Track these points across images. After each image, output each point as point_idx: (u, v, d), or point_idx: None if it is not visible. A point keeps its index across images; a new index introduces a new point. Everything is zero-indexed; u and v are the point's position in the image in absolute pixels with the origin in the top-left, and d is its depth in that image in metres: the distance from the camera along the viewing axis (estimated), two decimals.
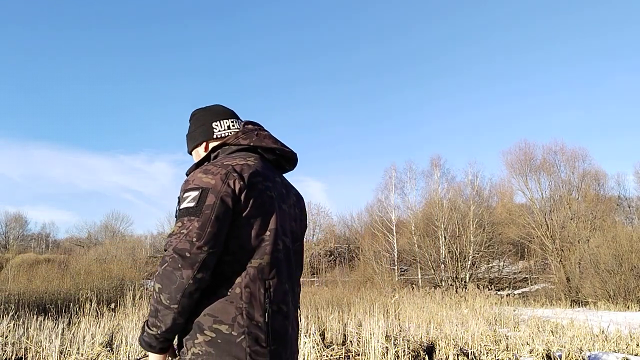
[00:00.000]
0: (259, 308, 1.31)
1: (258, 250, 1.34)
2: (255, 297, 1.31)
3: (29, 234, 50.20)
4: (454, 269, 27.57)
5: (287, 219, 1.47)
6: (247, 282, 1.31)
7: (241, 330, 1.28)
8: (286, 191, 1.52)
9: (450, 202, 29.74)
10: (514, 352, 6.29)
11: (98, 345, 5.93)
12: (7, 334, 6.42)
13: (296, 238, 1.52)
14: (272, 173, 1.49)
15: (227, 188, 1.31)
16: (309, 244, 40.88)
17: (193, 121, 1.65)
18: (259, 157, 1.48)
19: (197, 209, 1.29)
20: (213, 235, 1.27)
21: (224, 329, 1.28)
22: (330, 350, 6.12)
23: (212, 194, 1.30)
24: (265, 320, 1.31)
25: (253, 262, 1.33)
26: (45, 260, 24.80)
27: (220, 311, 1.30)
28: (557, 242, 26.85)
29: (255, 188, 1.35)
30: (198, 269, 1.25)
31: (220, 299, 1.31)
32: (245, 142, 1.49)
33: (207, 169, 1.36)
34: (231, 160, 1.40)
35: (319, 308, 10.25)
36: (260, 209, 1.35)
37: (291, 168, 1.66)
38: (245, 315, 1.29)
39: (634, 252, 19.58)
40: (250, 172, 1.36)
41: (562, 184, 29.38)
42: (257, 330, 1.29)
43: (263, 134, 1.53)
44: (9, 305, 9.50)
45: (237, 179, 1.32)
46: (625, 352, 6.76)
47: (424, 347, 6.35)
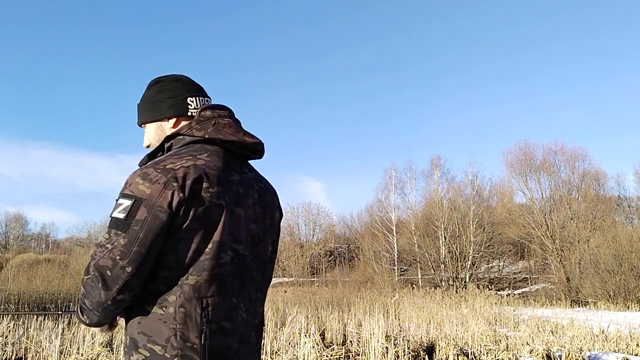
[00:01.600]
0: (194, 329, 1.20)
1: (196, 266, 1.22)
2: (191, 317, 1.20)
3: (29, 234, 50.29)
4: (454, 269, 27.58)
5: (243, 223, 1.31)
6: (182, 302, 1.20)
7: (174, 353, 1.19)
8: (244, 190, 1.34)
9: (450, 202, 29.75)
10: (514, 352, 6.29)
11: (98, 345, 5.93)
12: (7, 334, 6.42)
13: (258, 241, 1.37)
14: (227, 170, 1.31)
15: (163, 201, 1.17)
16: (309, 244, 40.90)
17: (159, 88, 1.44)
18: (215, 151, 1.32)
19: (125, 223, 1.18)
20: (139, 255, 1.17)
21: (157, 350, 1.21)
22: (330, 350, 6.12)
23: (144, 207, 1.18)
24: (202, 342, 1.20)
25: (190, 279, 1.21)
26: (45, 260, 24.82)
27: (154, 331, 1.22)
28: (557, 242, 26.86)
29: (199, 198, 1.21)
30: (118, 290, 1.18)
31: (154, 317, 1.22)
32: (200, 134, 1.32)
33: (147, 174, 1.21)
34: (177, 160, 1.24)
35: (319, 308, 10.26)
36: (203, 220, 1.22)
37: (257, 157, 1.47)
38: (179, 337, 1.19)
39: (634, 252, 19.59)
40: (194, 179, 1.21)
41: (562, 184, 29.40)
42: (192, 352, 1.19)
43: (222, 122, 1.36)
44: (9, 305, 9.50)
45: (176, 190, 1.18)
46: (625, 352, 6.76)
47: (424, 347, 6.35)
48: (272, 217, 1.46)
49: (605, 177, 32.16)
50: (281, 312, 9.11)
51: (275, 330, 6.89)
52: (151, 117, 1.46)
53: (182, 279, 1.22)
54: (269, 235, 1.43)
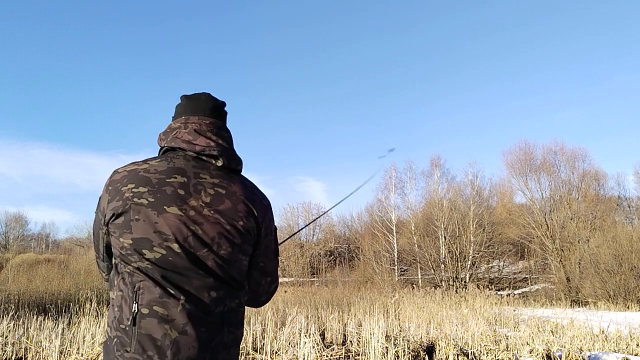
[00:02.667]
0: (127, 311, 1.29)
1: (125, 258, 1.35)
2: (126, 300, 1.31)
3: (29, 234, 50.26)
4: (454, 269, 27.57)
5: (177, 222, 1.35)
6: (121, 287, 1.34)
7: (114, 334, 1.31)
8: (186, 192, 1.39)
9: (450, 202, 29.74)
10: (514, 352, 6.29)
11: (98, 345, 5.92)
12: (7, 334, 6.42)
13: (203, 243, 1.37)
14: (167, 174, 1.39)
15: (102, 202, 1.42)
16: (309, 244, 40.89)
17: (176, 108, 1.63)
18: (169, 157, 1.46)
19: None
20: (95, 246, 1.52)
21: (108, 331, 1.36)
22: (330, 350, 6.12)
23: (97, 208, 1.47)
24: (131, 324, 1.27)
25: (125, 267, 1.36)
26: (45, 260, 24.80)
27: (109, 314, 1.38)
28: (557, 242, 26.85)
29: (122, 198, 1.36)
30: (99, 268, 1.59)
31: (110, 302, 1.39)
32: (162, 143, 1.52)
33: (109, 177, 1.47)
34: (129, 165, 1.45)
35: (319, 308, 10.26)
36: (123, 218, 1.35)
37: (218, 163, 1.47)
38: (117, 319, 1.31)
39: (634, 252, 19.59)
40: (122, 181, 1.39)
41: (562, 184, 29.39)
42: (124, 334, 1.28)
43: (182, 132, 1.48)
44: (9, 305, 9.50)
45: (107, 194, 1.40)
46: (625, 352, 6.76)
47: (424, 347, 6.35)
48: (232, 224, 1.43)
49: (605, 177, 32.22)
50: (281, 312, 9.10)
51: (275, 330, 6.89)
52: None
53: (120, 266, 1.38)
54: (227, 240, 1.41)
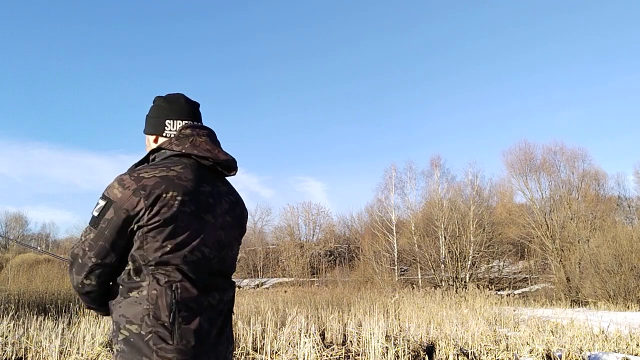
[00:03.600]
0: (165, 308, 1.37)
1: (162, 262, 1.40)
2: (162, 298, 1.37)
3: (29, 234, 50.26)
4: (454, 269, 27.57)
5: (211, 228, 1.49)
6: (154, 286, 1.39)
7: (148, 330, 1.37)
8: (214, 200, 1.53)
9: (450, 202, 29.74)
10: (514, 352, 6.29)
11: (98, 345, 5.92)
12: (7, 334, 6.42)
13: (223, 245, 1.54)
14: (198, 182, 1.49)
15: (129, 205, 1.38)
16: (309, 244, 40.88)
17: (152, 108, 1.68)
18: (190, 164, 1.51)
19: (96, 220, 1.42)
20: (103, 248, 1.41)
21: (134, 329, 1.39)
22: (330, 350, 6.12)
23: (112, 209, 1.39)
24: (171, 320, 1.37)
25: (160, 269, 1.40)
26: (45, 260, 24.79)
27: (132, 312, 1.40)
28: (557, 242, 26.85)
29: (163, 205, 1.38)
30: (85, 275, 1.44)
31: (131, 300, 1.41)
32: (178, 149, 1.52)
33: (122, 180, 1.42)
34: (152, 170, 1.43)
35: (319, 308, 10.25)
36: (166, 225, 1.39)
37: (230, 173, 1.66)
38: (152, 316, 1.37)
39: (634, 252, 19.58)
40: (161, 189, 1.39)
41: (562, 184, 29.38)
42: (163, 329, 1.36)
43: (199, 140, 1.54)
44: (9, 305, 9.50)
45: (142, 198, 1.38)
46: (625, 352, 6.76)
47: (424, 347, 6.35)
48: (241, 227, 1.67)
49: (605, 177, 32.21)
50: (281, 312, 9.10)
51: (275, 330, 6.89)
52: (144, 130, 1.70)
53: (151, 269, 1.40)
54: (236, 240, 1.64)
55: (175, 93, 1.68)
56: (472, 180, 31.17)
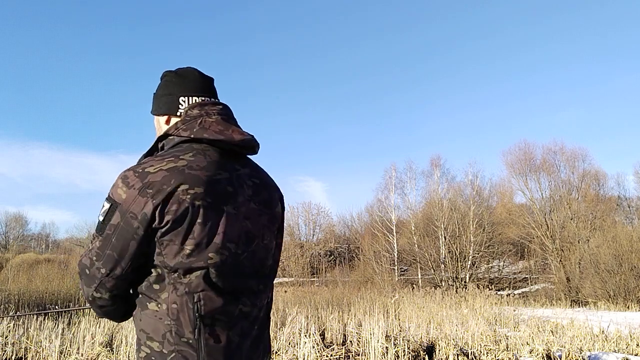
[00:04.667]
0: (187, 324, 1.21)
1: (184, 265, 1.22)
2: (183, 313, 1.22)
3: (29, 234, 50.28)
4: (454, 269, 27.56)
5: (234, 221, 1.30)
6: (174, 298, 1.22)
7: (171, 349, 1.22)
8: (234, 188, 1.32)
9: (450, 202, 29.74)
10: (514, 352, 6.29)
11: (98, 345, 5.93)
12: (7, 334, 6.42)
13: (252, 237, 1.34)
14: (215, 169, 1.29)
15: (136, 208, 1.19)
16: (309, 244, 40.88)
17: (162, 84, 1.49)
18: (202, 149, 1.31)
19: (102, 226, 1.24)
20: (112, 258, 1.22)
21: (155, 347, 1.24)
22: (330, 350, 6.12)
23: (118, 212, 1.21)
24: (196, 337, 1.22)
25: (181, 277, 1.23)
26: (45, 260, 24.80)
27: (152, 328, 1.25)
28: (557, 242, 26.85)
29: (176, 202, 1.20)
30: (95, 288, 1.26)
31: (151, 314, 1.26)
32: (186, 134, 1.32)
33: (126, 177, 1.23)
34: (158, 163, 1.24)
35: (319, 308, 10.25)
36: (182, 225, 1.21)
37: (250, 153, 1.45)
38: (174, 332, 1.22)
39: (634, 252, 19.59)
40: (171, 184, 1.20)
41: (562, 184, 29.39)
42: (188, 347, 1.22)
43: (209, 121, 1.34)
44: (9, 305, 9.49)
45: (149, 198, 1.19)
46: (625, 352, 6.76)
47: (424, 347, 6.35)
48: (271, 213, 1.43)
49: (605, 177, 32.22)
50: (281, 312, 9.10)
51: (275, 330, 6.89)
52: (153, 110, 1.50)
53: (173, 277, 1.23)
54: (267, 230, 1.41)
55: (187, 67, 1.50)
56: (472, 180, 31.21)
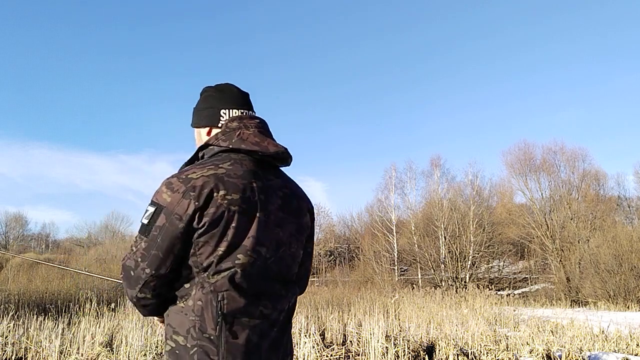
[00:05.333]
0: (210, 321, 1.30)
1: (215, 266, 1.32)
2: (207, 310, 1.30)
3: (29, 234, 50.26)
4: (454, 269, 27.56)
5: (265, 227, 1.39)
6: (199, 296, 1.31)
7: (194, 343, 1.30)
8: (267, 196, 1.42)
9: (450, 202, 29.74)
10: (514, 352, 6.29)
11: (98, 345, 5.93)
12: (7, 334, 6.42)
13: (280, 244, 1.44)
14: (249, 178, 1.39)
15: (180, 209, 1.29)
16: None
17: (203, 99, 1.60)
18: (239, 159, 1.41)
19: (147, 228, 1.32)
20: (157, 258, 1.30)
21: (180, 340, 1.33)
22: (330, 350, 6.12)
23: (163, 215, 1.30)
24: (217, 334, 1.30)
25: (211, 278, 1.32)
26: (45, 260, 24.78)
27: (178, 323, 1.34)
28: (557, 242, 26.85)
29: (214, 205, 1.30)
30: (140, 288, 1.34)
31: (177, 310, 1.35)
32: (225, 144, 1.43)
33: (171, 183, 1.33)
34: (199, 170, 1.35)
35: (319, 308, 10.25)
36: (217, 227, 1.31)
37: (283, 165, 1.56)
38: (197, 328, 1.30)
39: (634, 252, 19.59)
40: (210, 187, 1.31)
41: (562, 184, 29.38)
42: (209, 343, 1.29)
43: (247, 133, 1.45)
44: (9, 305, 9.49)
45: (192, 200, 1.29)
46: (625, 352, 6.76)
47: (424, 347, 6.36)
48: (299, 222, 1.53)
49: (605, 177, 32.22)
50: None
51: None
52: (194, 123, 1.61)
53: (202, 276, 1.32)
54: (295, 238, 1.51)
55: (226, 83, 1.62)
56: (472, 180, 31.21)
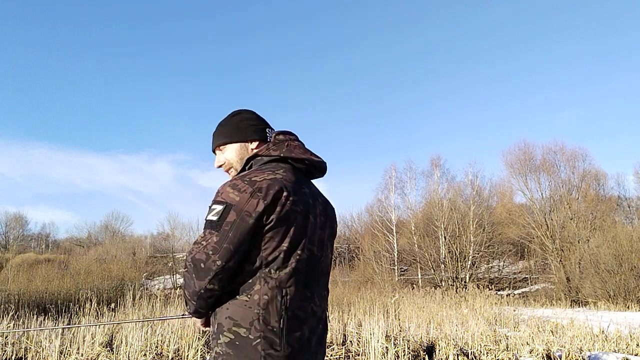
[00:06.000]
0: (275, 314, 1.40)
1: (277, 261, 1.43)
2: (272, 304, 1.40)
3: (29, 234, 50.23)
4: (454, 269, 27.56)
5: (315, 228, 1.55)
6: (265, 290, 1.41)
7: (257, 335, 1.39)
8: (313, 201, 1.59)
9: (450, 202, 29.73)
10: (514, 352, 6.29)
11: (98, 345, 5.92)
12: (7, 334, 6.42)
13: (324, 244, 1.60)
14: (299, 184, 1.55)
15: (250, 207, 1.40)
16: None
17: (241, 118, 1.72)
18: (288, 168, 1.57)
19: (218, 224, 1.42)
20: (228, 251, 1.39)
21: (242, 332, 1.40)
22: (330, 350, 6.13)
23: (234, 212, 1.41)
24: (280, 326, 1.40)
25: (273, 273, 1.42)
26: (45, 260, 24.81)
27: (240, 315, 1.42)
28: (557, 242, 26.85)
29: (279, 205, 1.43)
30: (209, 280, 1.40)
31: (240, 304, 1.43)
32: (276, 154, 1.57)
33: (236, 184, 1.45)
34: (260, 174, 1.47)
35: None
36: (283, 224, 1.43)
37: (320, 175, 1.73)
38: (261, 321, 1.39)
39: (634, 252, 19.59)
40: (275, 189, 1.43)
41: (562, 184, 29.37)
42: (272, 335, 1.39)
43: (293, 144, 1.62)
44: (9, 305, 9.50)
45: (260, 199, 1.40)
46: (625, 352, 6.76)
47: (424, 347, 6.36)
48: (332, 227, 1.71)
49: (605, 177, 32.20)
50: None
51: None
52: (237, 138, 1.71)
53: (265, 271, 1.43)
54: (329, 241, 1.68)
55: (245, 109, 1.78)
56: (472, 180, 31.19)
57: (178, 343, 6.07)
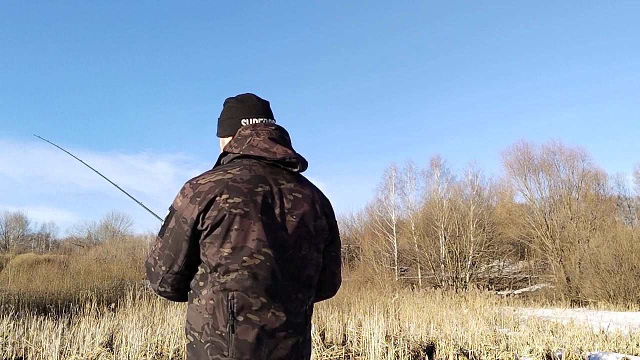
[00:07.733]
0: (222, 319, 1.37)
1: (223, 267, 1.39)
2: (219, 309, 1.38)
3: (29, 234, 50.29)
4: (454, 269, 27.56)
5: (269, 229, 1.43)
6: (211, 295, 1.39)
7: (207, 339, 1.38)
8: (272, 200, 1.46)
9: (450, 202, 29.73)
10: (514, 352, 6.29)
11: (98, 345, 5.92)
12: (7, 334, 6.42)
13: (287, 247, 1.46)
14: (253, 183, 1.44)
15: (187, 213, 1.40)
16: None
17: (225, 110, 1.70)
18: (248, 165, 1.48)
19: (162, 230, 1.47)
20: (169, 257, 1.43)
21: (196, 336, 1.42)
22: (330, 350, 6.13)
23: (174, 218, 1.43)
24: (228, 331, 1.36)
25: (220, 278, 1.39)
26: (45, 260, 24.80)
27: (194, 320, 1.43)
28: (557, 242, 26.84)
29: (215, 209, 1.38)
30: (160, 283, 1.48)
31: (193, 308, 1.44)
32: (237, 151, 1.53)
33: (184, 188, 1.45)
34: (208, 176, 1.44)
35: (319, 308, 10.25)
36: (221, 227, 1.38)
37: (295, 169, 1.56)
38: (210, 325, 1.38)
39: (634, 252, 19.58)
40: (214, 193, 1.39)
41: (562, 184, 29.35)
42: (221, 340, 1.37)
43: (257, 139, 1.52)
44: (9, 305, 9.50)
45: (196, 205, 1.39)
46: (625, 352, 6.76)
47: (424, 347, 6.35)
48: (310, 225, 1.54)
49: (605, 177, 32.18)
50: None
51: None
52: (218, 133, 1.72)
53: (214, 276, 1.40)
54: (305, 241, 1.52)
55: (246, 93, 1.71)
56: (472, 180, 31.19)
57: (178, 343, 6.07)
